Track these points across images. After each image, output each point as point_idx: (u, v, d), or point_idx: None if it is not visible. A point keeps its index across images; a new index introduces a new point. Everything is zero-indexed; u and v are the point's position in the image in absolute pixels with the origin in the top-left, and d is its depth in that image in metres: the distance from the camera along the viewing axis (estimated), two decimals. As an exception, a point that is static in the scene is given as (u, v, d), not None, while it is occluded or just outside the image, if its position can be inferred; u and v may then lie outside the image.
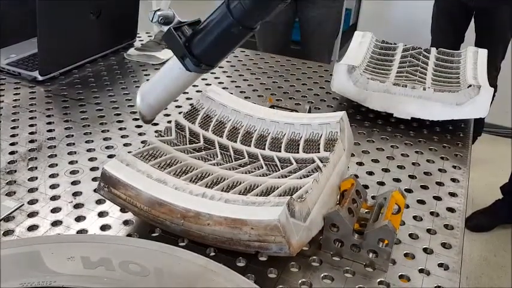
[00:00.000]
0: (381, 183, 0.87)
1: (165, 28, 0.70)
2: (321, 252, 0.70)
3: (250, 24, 0.65)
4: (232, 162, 0.82)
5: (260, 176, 0.78)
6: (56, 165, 0.89)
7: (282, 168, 0.80)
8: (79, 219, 0.75)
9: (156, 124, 1.05)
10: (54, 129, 1.01)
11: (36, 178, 0.85)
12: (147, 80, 1.28)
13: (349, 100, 1.14)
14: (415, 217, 0.79)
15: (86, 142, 0.97)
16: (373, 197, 0.81)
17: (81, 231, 0.73)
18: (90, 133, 1.01)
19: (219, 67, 1.38)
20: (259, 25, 0.67)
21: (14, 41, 1.38)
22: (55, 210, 0.77)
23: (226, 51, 0.71)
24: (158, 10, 0.70)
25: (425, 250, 0.72)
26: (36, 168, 0.87)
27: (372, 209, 0.71)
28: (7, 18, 1.33)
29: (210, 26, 0.67)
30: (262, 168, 0.81)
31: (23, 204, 0.78)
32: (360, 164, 0.93)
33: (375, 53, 1.30)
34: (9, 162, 0.89)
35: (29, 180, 0.84)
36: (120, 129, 1.03)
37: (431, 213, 0.80)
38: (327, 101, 1.21)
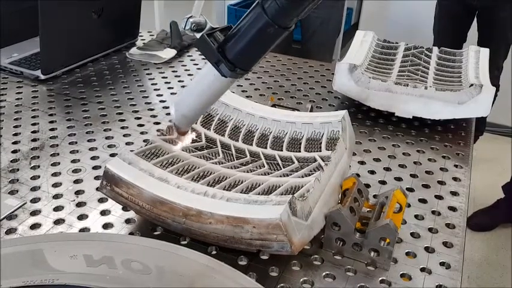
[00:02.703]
0: (383, 182, 0.88)
1: (197, 35, 0.69)
2: (322, 251, 0.70)
3: (285, 23, 0.63)
4: (234, 161, 0.83)
5: (262, 174, 0.78)
6: (58, 163, 0.89)
7: (283, 167, 0.80)
8: (81, 217, 0.76)
9: (158, 123, 1.06)
10: (56, 128, 1.01)
11: (39, 177, 0.85)
12: (149, 79, 1.28)
13: (350, 99, 1.14)
14: (416, 216, 0.79)
15: (88, 141, 0.97)
16: (374, 196, 0.81)
17: (84, 230, 0.73)
18: (92, 132, 1.01)
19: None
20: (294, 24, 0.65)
21: (17, 40, 1.38)
22: (57, 208, 0.77)
23: (261, 53, 0.68)
24: (190, 17, 0.69)
25: (426, 249, 0.72)
26: (38, 166, 0.88)
27: (373, 208, 0.71)
28: (9, 17, 1.33)
29: (243, 28, 0.65)
30: (264, 167, 0.81)
31: (26, 203, 0.78)
32: (362, 163, 0.93)
33: (377, 52, 1.30)
34: (11, 161, 0.89)
35: (31, 178, 0.84)
36: (122, 128, 1.03)
37: (433, 212, 0.80)
38: (329, 100, 1.21)
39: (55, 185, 0.83)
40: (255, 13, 0.63)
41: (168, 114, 1.10)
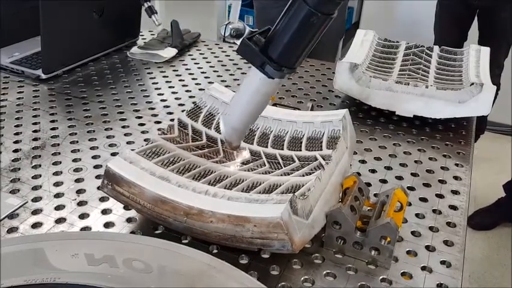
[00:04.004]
0: (383, 181, 0.88)
1: (237, 41, 0.68)
2: (323, 250, 0.70)
3: (328, 9, 0.61)
4: (235, 159, 0.83)
5: (263, 173, 0.78)
6: (60, 163, 0.89)
7: (284, 166, 0.81)
8: (83, 216, 0.76)
9: (159, 122, 1.06)
10: (57, 127, 1.01)
11: (40, 176, 0.85)
12: (150, 78, 1.28)
13: (351, 98, 1.14)
14: (417, 215, 0.79)
15: (89, 140, 0.97)
16: (375, 195, 0.81)
17: (85, 229, 0.73)
18: (94, 131, 1.01)
19: (222, 65, 1.39)
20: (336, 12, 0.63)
21: (18, 39, 1.39)
22: (59, 207, 0.77)
23: (306, 47, 0.65)
24: (229, 23, 0.68)
25: (427, 248, 0.72)
26: (39, 166, 0.88)
27: (374, 207, 0.71)
28: (10, 17, 1.33)
29: (285, 24, 0.63)
30: (265, 166, 0.81)
31: (27, 202, 0.78)
32: (363, 161, 0.93)
33: (377, 51, 1.30)
34: (13, 160, 0.89)
35: (32, 178, 0.84)
36: (123, 127, 1.03)
37: (434, 211, 0.80)
38: (330, 99, 1.21)
39: (56, 184, 0.83)
40: (295, 6, 0.61)
41: (169, 113, 1.10)
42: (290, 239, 0.61)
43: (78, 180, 0.84)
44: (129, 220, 0.75)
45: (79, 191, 0.81)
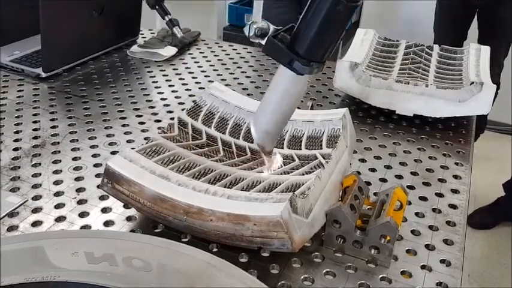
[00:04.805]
0: (383, 180, 0.88)
1: (262, 41, 0.66)
2: (323, 248, 0.70)
3: None
4: (234, 158, 0.83)
5: (263, 172, 0.78)
6: (60, 161, 0.89)
7: (284, 165, 0.81)
8: (82, 215, 0.76)
9: (159, 121, 1.06)
10: (57, 126, 1.01)
11: (40, 174, 0.85)
12: (150, 77, 1.28)
13: (351, 97, 1.14)
14: (417, 214, 0.79)
15: (89, 138, 0.97)
16: (375, 194, 0.81)
17: (85, 227, 0.73)
18: (94, 129, 1.01)
19: (222, 64, 1.39)
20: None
21: (18, 37, 1.38)
22: (59, 206, 0.77)
23: (333, 39, 0.64)
24: (253, 23, 0.67)
25: (427, 246, 0.72)
26: (39, 164, 0.88)
27: (374, 206, 0.71)
28: (10, 15, 1.33)
29: (310, 17, 0.62)
30: (265, 164, 0.81)
31: (27, 200, 0.78)
32: (362, 160, 0.93)
33: (377, 50, 1.30)
34: (13, 159, 0.89)
35: (32, 176, 0.84)
36: (123, 125, 1.03)
37: (434, 209, 0.80)
38: (330, 98, 1.21)
39: (56, 183, 0.83)
40: None
41: (169, 112, 1.10)
42: (290, 237, 0.61)
43: (78, 179, 0.84)
44: (128, 219, 0.75)
45: (79, 190, 0.81)
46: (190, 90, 1.22)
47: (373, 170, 0.91)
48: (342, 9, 0.60)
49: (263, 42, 0.66)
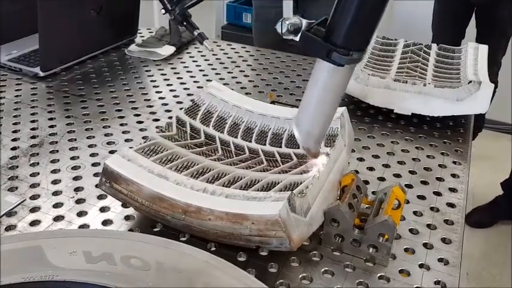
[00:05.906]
0: (381, 179, 0.88)
1: (295, 37, 0.64)
2: (321, 247, 0.70)
3: None
4: (233, 157, 0.83)
5: (261, 171, 0.78)
6: (58, 160, 0.89)
7: (282, 164, 0.81)
8: (81, 214, 0.76)
9: (157, 120, 1.06)
10: (55, 125, 1.01)
11: (38, 173, 0.85)
12: (148, 76, 1.28)
13: (349, 96, 1.14)
14: (415, 212, 0.79)
15: (88, 138, 0.97)
16: (373, 193, 0.81)
17: (83, 226, 0.73)
18: (92, 129, 1.01)
19: (220, 63, 1.39)
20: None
21: (16, 37, 1.38)
22: (57, 205, 0.77)
23: (372, 24, 0.61)
24: (285, 19, 0.64)
25: (425, 245, 0.72)
26: (38, 163, 0.88)
27: (372, 204, 0.71)
28: (8, 14, 1.33)
29: (344, 3, 0.59)
30: (263, 163, 0.81)
31: (25, 200, 0.78)
32: (361, 159, 0.94)
33: (376, 49, 1.30)
34: (11, 158, 0.89)
35: (30, 175, 0.84)
36: (122, 124, 1.03)
37: (432, 208, 0.80)
38: (328, 97, 1.21)
39: (54, 182, 0.83)
40: None
41: (167, 111, 1.10)
42: (288, 236, 0.61)
43: (76, 178, 0.84)
44: (127, 218, 0.75)
45: (77, 189, 0.81)
46: (188, 89, 1.22)
47: (371, 168, 0.91)
48: None
49: (296, 38, 0.63)
